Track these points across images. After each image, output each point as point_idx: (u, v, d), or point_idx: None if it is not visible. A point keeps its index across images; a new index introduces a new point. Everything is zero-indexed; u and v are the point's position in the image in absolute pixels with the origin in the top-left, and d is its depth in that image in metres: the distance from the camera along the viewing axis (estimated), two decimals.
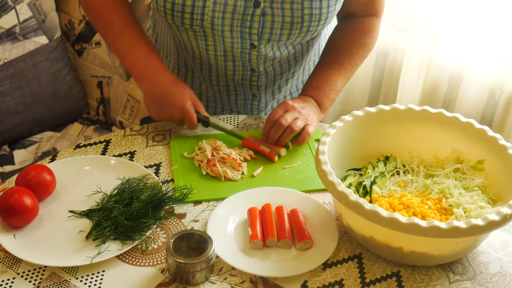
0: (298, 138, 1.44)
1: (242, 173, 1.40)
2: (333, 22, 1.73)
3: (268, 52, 1.50)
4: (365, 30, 1.57)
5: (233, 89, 1.62)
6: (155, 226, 1.24)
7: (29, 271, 1.17)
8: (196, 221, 1.28)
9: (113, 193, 1.30)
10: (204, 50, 1.51)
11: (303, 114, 1.45)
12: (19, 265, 1.18)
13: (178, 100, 1.44)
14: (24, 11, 1.91)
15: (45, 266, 1.18)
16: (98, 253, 1.18)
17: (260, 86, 1.60)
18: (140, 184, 1.31)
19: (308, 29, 1.44)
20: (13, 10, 1.89)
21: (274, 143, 1.45)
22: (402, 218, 1.07)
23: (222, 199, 1.32)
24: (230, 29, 1.43)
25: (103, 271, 1.17)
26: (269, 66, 1.55)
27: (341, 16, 1.60)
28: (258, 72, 1.55)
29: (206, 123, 1.50)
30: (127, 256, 1.20)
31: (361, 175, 1.32)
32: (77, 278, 1.16)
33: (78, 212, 1.27)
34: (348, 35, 1.57)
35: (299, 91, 1.72)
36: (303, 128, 1.44)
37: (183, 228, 1.26)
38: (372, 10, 1.58)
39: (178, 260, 1.12)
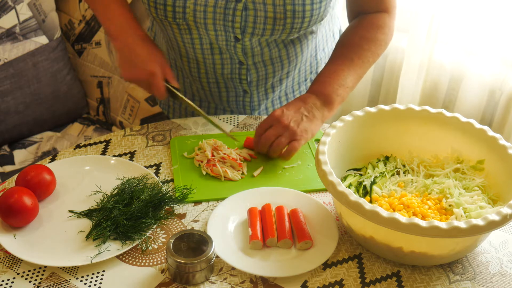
0: (283, 152, 1.40)
1: (242, 173, 1.40)
2: (338, 24, 1.73)
3: (255, 46, 1.49)
4: (375, 26, 1.53)
5: (223, 86, 1.61)
6: (155, 226, 1.24)
7: (29, 271, 1.17)
8: (196, 221, 1.28)
9: (113, 193, 1.30)
10: (190, 45, 1.50)
11: (290, 129, 1.39)
12: (19, 265, 1.18)
13: (146, 63, 1.42)
14: (24, 11, 1.91)
15: (45, 266, 1.17)
16: (98, 253, 1.17)
17: (251, 82, 1.59)
18: (140, 184, 1.31)
19: (292, 25, 1.43)
20: (13, 10, 1.89)
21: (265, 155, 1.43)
22: (402, 218, 1.07)
23: (222, 199, 1.32)
24: (213, 22, 1.43)
25: (103, 271, 1.17)
26: (259, 61, 1.54)
27: (352, 16, 1.59)
28: (246, 65, 1.54)
29: (174, 94, 1.45)
30: (127, 256, 1.20)
31: (361, 175, 1.32)
32: (77, 278, 1.15)
33: (78, 212, 1.27)
34: (358, 30, 1.54)
35: (295, 93, 1.71)
36: (289, 143, 1.39)
37: (183, 228, 1.26)
38: (381, 6, 1.55)
39: (178, 260, 1.12)
